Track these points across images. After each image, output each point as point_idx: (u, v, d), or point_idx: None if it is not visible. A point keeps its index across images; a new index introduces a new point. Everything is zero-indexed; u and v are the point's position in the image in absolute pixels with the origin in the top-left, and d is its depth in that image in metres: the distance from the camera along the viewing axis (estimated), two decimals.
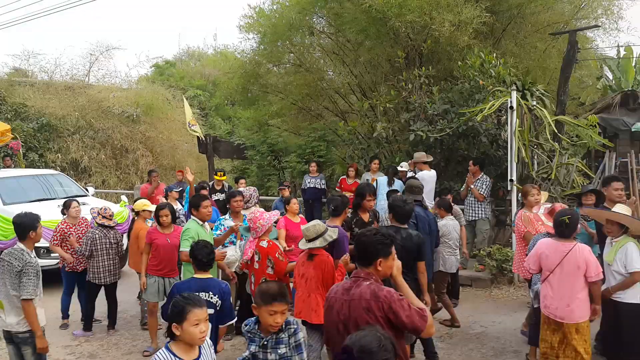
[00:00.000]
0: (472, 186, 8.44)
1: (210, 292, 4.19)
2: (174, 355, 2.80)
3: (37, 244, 7.76)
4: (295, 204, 6.70)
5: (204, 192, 7.49)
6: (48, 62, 29.11)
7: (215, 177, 9.97)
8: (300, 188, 11.36)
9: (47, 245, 7.34)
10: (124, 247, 7.46)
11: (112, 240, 6.69)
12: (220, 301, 4.19)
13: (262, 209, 5.77)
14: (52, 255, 7.77)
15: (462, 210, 8.17)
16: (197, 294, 3.89)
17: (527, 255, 5.20)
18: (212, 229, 6.18)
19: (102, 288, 6.72)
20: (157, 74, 27.11)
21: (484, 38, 11.09)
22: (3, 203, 8.90)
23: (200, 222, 5.61)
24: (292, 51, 13.61)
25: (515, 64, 10.37)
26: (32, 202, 9.05)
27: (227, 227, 6.08)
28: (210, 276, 4.38)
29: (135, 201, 7.90)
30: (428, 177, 8.67)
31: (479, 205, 8.48)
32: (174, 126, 18.58)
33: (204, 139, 13.01)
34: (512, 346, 5.94)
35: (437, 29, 10.02)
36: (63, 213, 7.21)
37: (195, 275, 4.35)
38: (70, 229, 6.96)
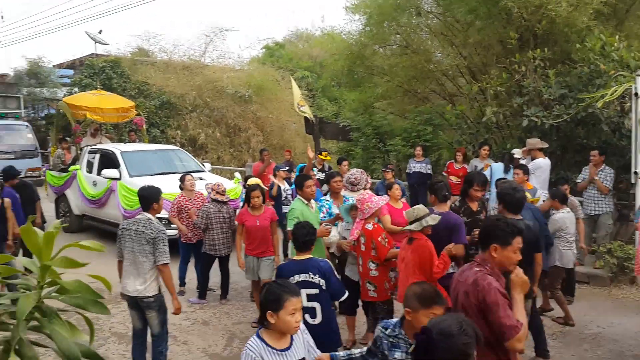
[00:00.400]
0: (595, 177, 7.93)
1: (310, 273, 4.11)
2: (265, 343, 2.74)
3: (158, 215, 8.56)
4: (397, 189, 6.57)
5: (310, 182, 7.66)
6: (167, 43, 30.90)
7: (319, 156, 10.17)
8: (405, 172, 11.29)
9: (167, 216, 7.94)
10: None
11: (225, 215, 7.09)
12: (323, 280, 4.10)
13: (370, 192, 5.77)
14: (171, 225, 8.36)
15: (581, 203, 7.71)
16: (298, 275, 4.09)
17: None
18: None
19: (217, 260, 7.17)
20: (267, 55, 27.90)
21: (605, 19, 10.26)
22: (129, 175, 9.60)
23: (305, 202, 5.79)
24: (398, 32, 13.40)
25: None
26: (154, 175, 9.69)
27: (329, 207, 6.14)
28: (309, 256, 4.25)
29: (247, 178, 8.30)
30: (544, 164, 8.25)
31: (603, 199, 7.94)
32: (282, 107, 19.08)
33: (312, 119, 13.28)
34: (632, 350, 5.57)
35: (553, 9, 9.40)
36: (180, 187, 7.75)
37: (294, 257, 4.32)
38: (187, 202, 7.46)
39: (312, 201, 5.94)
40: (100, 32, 23.10)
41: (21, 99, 16.17)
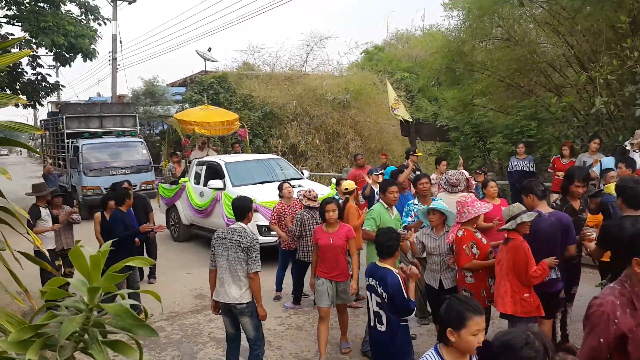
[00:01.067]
0: None
1: (378, 282, 4.11)
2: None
3: (259, 223, 8.90)
4: (492, 187, 6.40)
5: (402, 175, 7.59)
6: (270, 55, 32.00)
7: (413, 155, 9.99)
8: (507, 170, 10.79)
9: (267, 223, 8.24)
10: None
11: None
12: (385, 293, 4.04)
13: (474, 196, 5.52)
14: (271, 233, 8.58)
15: None
16: (371, 278, 4.14)
17: None
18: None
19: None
20: (366, 59, 27.96)
21: None
22: (232, 185, 10.05)
23: (386, 206, 5.76)
24: (499, 25, 12.92)
25: None
26: (255, 184, 10.11)
27: (417, 212, 5.96)
28: (387, 266, 4.17)
29: (338, 182, 8.36)
30: None
31: None
32: (380, 110, 19.06)
33: (408, 120, 13.14)
34: None
35: None
36: (279, 196, 7.99)
37: (377, 262, 4.28)
38: (286, 209, 7.67)
39: (393, 208, 5.89)
40: (209, 49, 24.50)
41: (137, 117, 17.52)
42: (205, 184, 10.55)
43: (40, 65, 18.55)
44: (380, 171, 9.03)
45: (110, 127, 16.75)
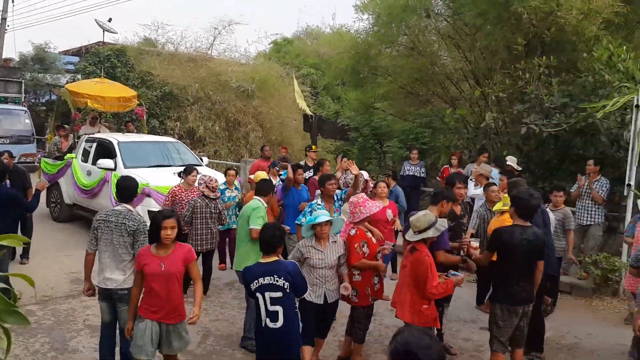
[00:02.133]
0: (592, 187, 7.87)
1: (275, 276, 4.05)
2: None
3: (150, 209, 8.54)
4: (382, 187, 6.64)
5: (300, 171, 7.60)
6: (175, 34, 30.94)
7: (310, 151, 10.00)
8: (400, 174, 11.21)
9: (160, 208, 7.90)
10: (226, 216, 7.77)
11: (213, 210, 7.04)
12: (287, 283, 4.05)
13: (365, 196, 5.61)
14: None
15: (574, 213, 7.65)
16: (262, 278, 4.04)
17: None
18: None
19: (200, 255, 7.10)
20: (274, 51, 27.82)
21: (615, 29, 10.15)
22: (124, 166, 9.52)
23: (266, 205, 5.72)
24: (406, 33, 13.33)
25: None
26: (150, 167, 9.65)
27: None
28: (276, 259, 4.16)
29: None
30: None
31: (596, 209, 7.91)
32: (284, 103, 19.01)
33: (310, 114, 13.12)
34: None
35: (563, 16, 9.33)
36: (180, 176, 7.70)
37: (260, 260, 4.20)
38: (182, 193, 7.42)
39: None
40: (109, 20, 23.00)
41: (22, 83, 16.13)
42: (94, 163, 9.94)
43: None
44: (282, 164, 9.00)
45: None
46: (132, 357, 4.36)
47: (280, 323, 4.06)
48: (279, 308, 4.05)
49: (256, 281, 4.09)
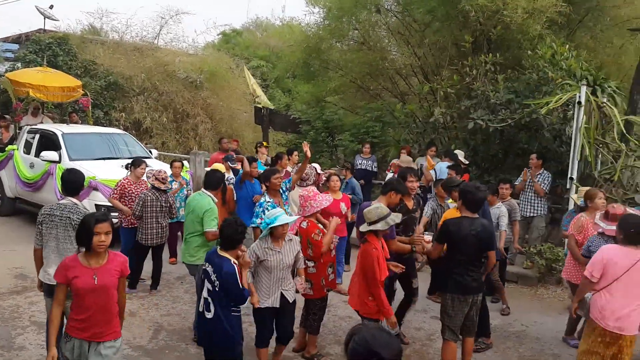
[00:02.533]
0: (535, 180, 8.20)
1: (215, 269, 4.08)
2: None
3: (97, 203, 8.30)
4: (335, 181, 6.69)
5: (255, 164, 7.55)
6: (120, 22, 29.96)
7: (261, 147, 9.96)
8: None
9: (107, 204, 7.68)
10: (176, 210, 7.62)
11: (164, 204, 6.91)
12: (218, 282, 4.03)
13: (316, 189, 5.63)
14: (112, 214, 8.09)
15: (518, 204, 7.95)
16: (208, 264, 4.11)
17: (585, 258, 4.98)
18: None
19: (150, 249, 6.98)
20: (223, 41, 27.41)
21: (558, 28, 10.62)
22: (69, 158, 9.22)
23: (216, 199, 5.66)
24: (356, 28, 13.48)
25: (589, 58, 9.88)
26: (96, 159, 9.37)
27: (272, 208, 5.64)
28: (226, 255, 4.14)
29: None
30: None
31: (538, 202, 8.24)
32: (234, 95, 18.77)
33: (270, 107, 12.98)
34: (552, 349, 5.82)
35: (509, 15, 9.67)
36: (127, 168, 7.50)
37: (217, 249, 4.22)
38: (131, 186, 7.25)
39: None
40: (51, 7, 22.00)
41: None
42: (37, 155, 9.55)
43: None
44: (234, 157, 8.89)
45: None
46: None
47: (211, 314, 4.10)
48: (211, 301, 4.10)
49: (206, 264, 4.17)
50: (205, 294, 4.12)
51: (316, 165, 7.60)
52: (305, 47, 14.07)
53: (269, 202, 5.99)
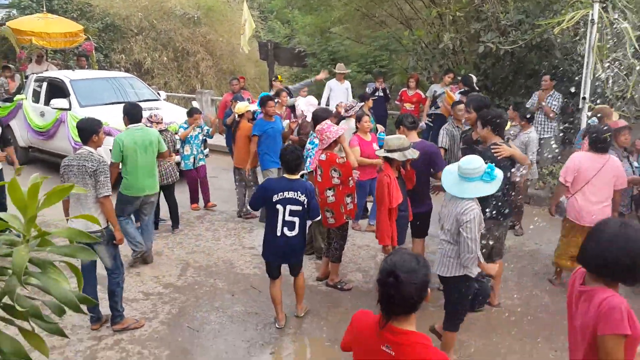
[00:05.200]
0: (543, 103, 8.17)
1: (298, 192, 4.64)
2: None
3: (111, 148, 8.32)
4: (367, 122, 6.39)
5: (271, 102, 7.55)
6: None
7: (275, 81, 9.98)
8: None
9: None
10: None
11: (169, 143, 7.03)
12: (306, 199, 4.65)
13: (330, 122, 5.71)
14: None
15: None
16: (287, 192, 4.61)
17: None
18: None
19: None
20: None
21: None
22: (80, 105, 9.18)
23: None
24: None
25: None
26: (106, 104, 9.31)
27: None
28: (298, 177, 4.76)
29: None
30: None
31: (549, 123, 8.25)
32: (234, 29, 18.34)
33: (246, 49, 12.85)
34: None
35: None
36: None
37: (285, 175, 4.77)
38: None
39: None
40: None
41: None
42: (46, 103, 9.51)
43: None
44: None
45: None
46: (117, 291, 4.77)
47: (295, 232, 4.70)
48: (296, 219, 4.67)
49: (281, 194, 4.63)
50: (287, 217, 4.63)
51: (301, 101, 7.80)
52: None
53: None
